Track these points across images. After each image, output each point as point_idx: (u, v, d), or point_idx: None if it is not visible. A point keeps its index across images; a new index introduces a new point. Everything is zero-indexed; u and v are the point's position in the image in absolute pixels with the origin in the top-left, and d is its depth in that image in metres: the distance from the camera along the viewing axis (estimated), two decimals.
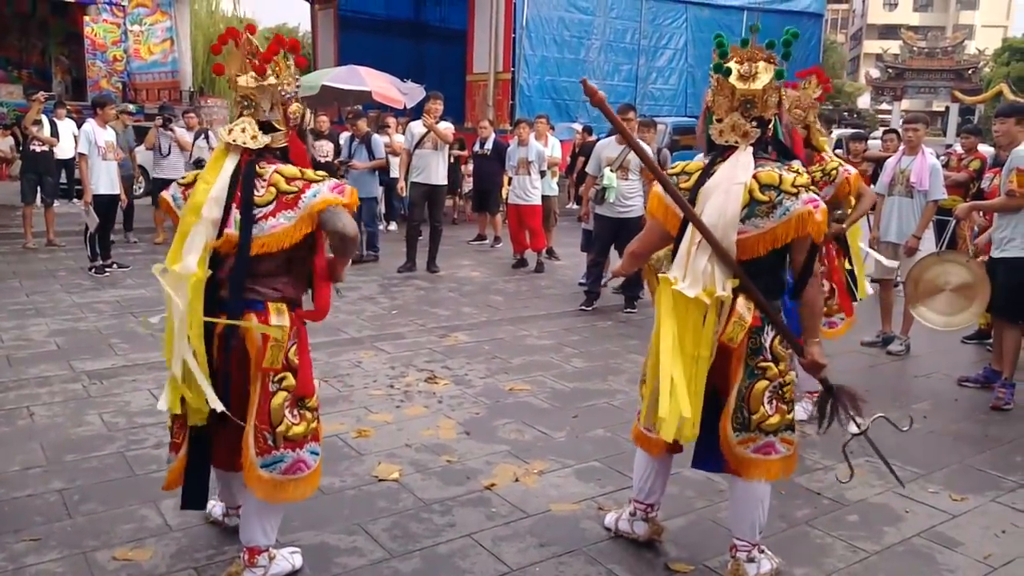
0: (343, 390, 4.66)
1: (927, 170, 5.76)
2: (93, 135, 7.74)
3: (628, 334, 6.21)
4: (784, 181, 2.56)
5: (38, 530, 3.01)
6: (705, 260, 2.57)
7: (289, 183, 2.55)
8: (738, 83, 2.62)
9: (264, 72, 2.61)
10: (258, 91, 2.62)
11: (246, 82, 2.61)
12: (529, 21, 14.73)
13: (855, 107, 42.79)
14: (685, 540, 3.10)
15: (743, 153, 2.61)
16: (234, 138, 2.60)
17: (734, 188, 2.55)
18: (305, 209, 2.51)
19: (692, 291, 2.55)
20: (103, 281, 7.56)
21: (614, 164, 6.73)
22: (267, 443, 2.58)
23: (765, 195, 2.54)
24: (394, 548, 2.97)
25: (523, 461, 3.77)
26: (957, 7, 53.28)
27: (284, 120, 2.67)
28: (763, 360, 2.65)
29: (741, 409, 2.65)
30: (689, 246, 2.61)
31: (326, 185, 2.56)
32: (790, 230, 2.52)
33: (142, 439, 3.89)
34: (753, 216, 2.55)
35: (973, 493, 3.59)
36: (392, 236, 10.60)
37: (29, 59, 19.25)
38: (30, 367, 4.94)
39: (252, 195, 2.54)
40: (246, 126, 2.61)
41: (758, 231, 2.55)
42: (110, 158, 7.86)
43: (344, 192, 2.57)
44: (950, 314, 4.97)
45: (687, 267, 2.60)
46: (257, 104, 2.63)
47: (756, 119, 2.63)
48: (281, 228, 2.52)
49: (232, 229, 2.54)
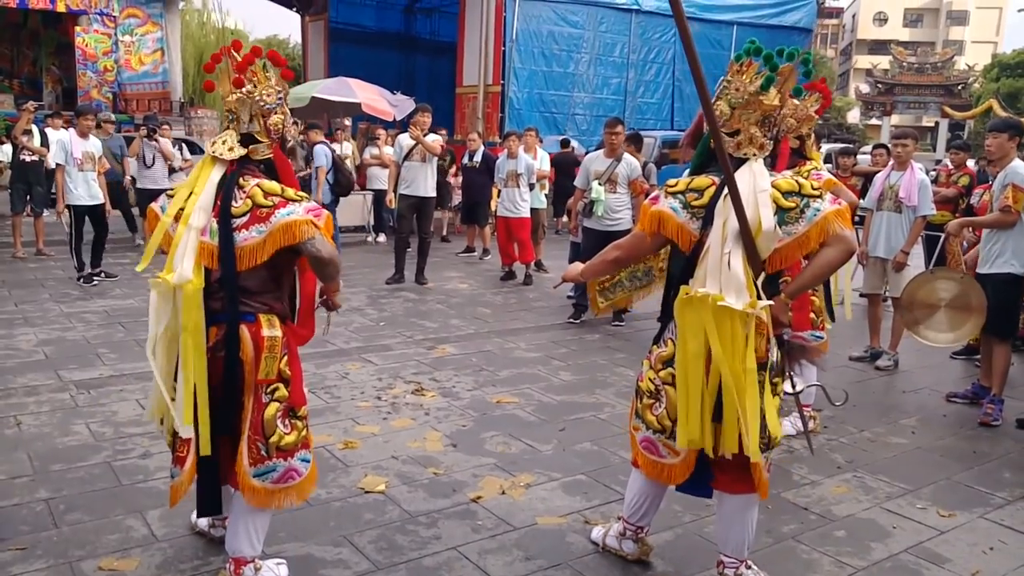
0: (330, 401, 4.65)
1: (916, 185, 5.80)
2: (69, 145, 7.74)
3: (616, 347, 6.22)
4: (804, 186, 2.59)
5: (24, 539, 2.99)
6: (741, 271, 2.53)
7: (266, 197, 2.55)
8: (764, 98, 2.65)
9: (241, 84, 2.61)
10: (238, 103, 2.63)
11: (227, 95, 2.63)
12: (519, 34, 14.81)
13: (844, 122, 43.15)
14: (671, 554, 3.10)
15: (756, 163, 2.63)
16: (214, 150, 2.64)
17: (761, 196, 2.55)
18: (275, 226, 2.51)
19: (739, 303, 2.50)
20: (91, 291, 7.53)
21: (602, 177, 6.76)
22: (260, 453, 2.60)
23: (790, 201, 2.56)
24: (380, 560, 2.95)
25: (510, 474, 3.76)
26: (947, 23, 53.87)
27: (265, 132, 2.67)
28: (775, 375, 2.65)
29: (764, 428, 2.62)
30: (719, 259, 2.56)
31: (302, 206, 2.56)
32: (823, 231, 2.53)
33: (129, 449, 3.87)
34: (784, 224, 2.55)
35: (961, 509, 3.60)
36: (380, 248, 10.60)
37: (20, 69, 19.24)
38: (18, 376, 4.91)
39: (230, 205, 2.55)
40: (227, 138, 2.65)
41: (792, 238, 2.55)
42: (88, 168, 7.82)
43: (320, 216, 2.57)
44: (953, 329, 4.99)
45: (723, 279, 2.54)
46: (238, 117, 2.64)
47: (771, 133, 2.69)
48: (252, 242, 2.53)
49: (207, 237, 2.55)
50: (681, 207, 2.70)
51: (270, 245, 2.52)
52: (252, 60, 2.64)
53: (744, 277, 2.52)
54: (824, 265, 2.59)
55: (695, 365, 2.57)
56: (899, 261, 5.84)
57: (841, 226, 2.53)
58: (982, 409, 4.88)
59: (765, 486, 2.68)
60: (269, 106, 2.66)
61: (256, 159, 2.68)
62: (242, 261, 2.54)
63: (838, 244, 2.54)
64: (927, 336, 5.09)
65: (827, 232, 2.52)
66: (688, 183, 2.76)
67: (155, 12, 18.49)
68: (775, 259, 2.58)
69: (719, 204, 2.60)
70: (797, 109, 4.11)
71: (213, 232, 2.56)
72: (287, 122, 2.76)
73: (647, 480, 2.90)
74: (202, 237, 2.56)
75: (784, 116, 4.02)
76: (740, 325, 2.50)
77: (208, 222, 2.57)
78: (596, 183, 6.74)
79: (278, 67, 2.73)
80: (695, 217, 2.66)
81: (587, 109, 15.89)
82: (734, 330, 2.51)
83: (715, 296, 2.51)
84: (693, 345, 2.57)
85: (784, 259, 2.59)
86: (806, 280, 2.67)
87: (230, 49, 2.66)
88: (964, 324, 4.92)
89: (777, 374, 2.67)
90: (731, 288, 2.51)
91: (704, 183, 2.69)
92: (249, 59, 2.64)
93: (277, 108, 2.69)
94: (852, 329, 6.88)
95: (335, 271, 2.68)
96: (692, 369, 2.58)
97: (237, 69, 2.61)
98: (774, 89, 2.64)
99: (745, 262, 2.53)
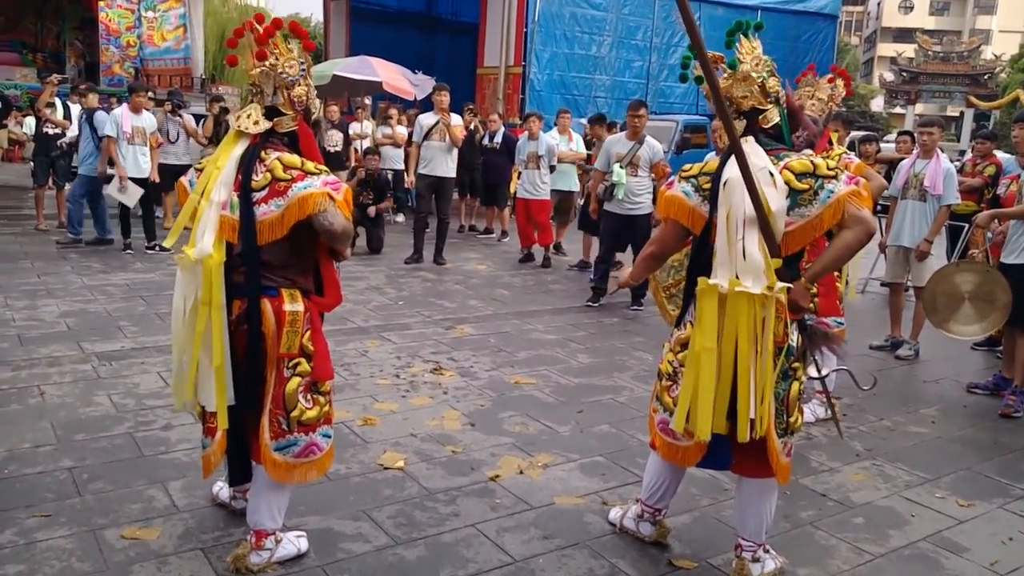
0: (350, 378, 4.67)
1: (941, 174, 5.73)
2: (120, 119, 8.04)
3: (634, 331, 6.20)
4: (819, 167, 2.52)
5: (48, 507, 3.03)
6: (757, 252, 2.49)
7: (285, 171, 2.55)
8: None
9: (264, 56, 2.61)
10: (261, 76, 2.63)
11: (250, 68, 2.63)
12: (541, 16, 14.70)
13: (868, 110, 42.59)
14: (689, 537, 3.10)
15: (745, 143, 2.57)
16: (240, 124, 2.63)
17: (761, 175, 2.50)
18: (293, 199, 2.50)
19: (757, 287, 2.47)
20: (112, 264, 7.60)
21: (624, 160, 6.71)
22: (281, 427, 2.62)
23: (804, 183, 2.51)
24: (398, 535, 2.98)
25: (527, 454, 3.77)
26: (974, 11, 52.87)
27: (289, 104, 2.66)
28: (795, 360, 2.63)
29: (782, 414, 2.61)
30: (729, 243, 2.53)
31: (319, 179, 2.55)
32: (836, 213, 2.47)
33: (150, 420, 3.91)
34: (797, 206, 2.51)
35: (981, 499, 3.58)
36: (399, 227, 10.61)
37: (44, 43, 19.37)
38: (41, 347, 4.97)
39: (250, 179, 2.56)
40: (251, 112, 2.64)
41: (805, 219, 2.51)
42: (137, 142, 8.12)
43: (339, 189, 2.56)
44: (979, 321, 4.92)
45: (737, 264, 2.51)
46: (262, 90, 2.64)
47: (740, 113, 2.65)
48: (271, 216, 2.53)
49: (228, 212, 2.56)
50: (693, 190, 2.71)
51: (288, 219, 2.52)
52: (273, 32, 2.63)
53: (762, 261, 2.48)
54: (843, 247, 2.53)
55: (708, 359, 2.54)
56: (923, 250, 5.78)
57: (858, 206, 2.47)
58: (1003, 400, 4.84)
59: (784, 471, 2.67)
60: (292, 78, 2.64)
61: (281, 132, 2.67)
62: (262, 235, 2.54)
63: (857, 226, 2.48)
64: (953, 330, 5.02)
65: (843, 213, 2.47)
66: (701, 167, 2.76)
67: None
68: (787, 241, 2.53)
69: (720, 191, 2.58)
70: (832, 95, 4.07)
71: (234, 206, 2.56)
72: (311, 94, 2.75)
73: (664, 462, 2.90)
74: (223, 211, 2.56)
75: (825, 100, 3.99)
76: (759, 308, 2.48)
77: (229, 196, 2.58)
78: (618, 166, 6.70)
79: (299, 39, 2.71)
80: (705, 200, 2.66)
81: (608, 92, 15.79)
82: (752, 313, 2.48)
83: (732, 281, 2.49)
84: (706, 340, 2.55)
85: (797, 241, 2.54)
86: (826, 263, 2.62)
87: (252, 23, 2.65)
88: (989, 315, 4.86)
89: (797, 359, 2.65)
90: (748, 273, 2.48)
91: (715, 166, 2.69)
92: (270, 31, 2.62)
93: (300, 80, 2.67)
94: (873, 318, 6.84)
95: (344, 243, 2.67)
96: (706, 363, 2.55)
97: (258, 41, 2.61)
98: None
99: (762, 245, 2.50)
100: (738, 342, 2.51)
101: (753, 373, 2.51)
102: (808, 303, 2.64)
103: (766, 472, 2.68)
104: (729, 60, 2.67)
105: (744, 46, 2.67)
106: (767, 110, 2.66)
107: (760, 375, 2.51)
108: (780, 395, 2.61)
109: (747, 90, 2.65)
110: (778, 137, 2.68)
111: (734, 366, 2.54)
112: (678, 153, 12.61)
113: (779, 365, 2.57)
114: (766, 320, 2.48)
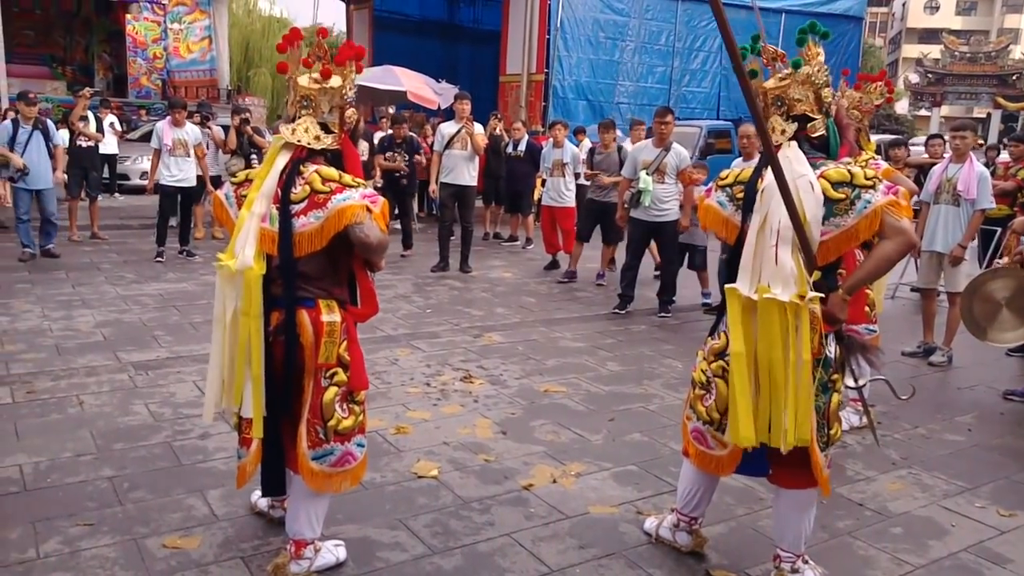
0: (381, 387, 4.70)
1: (975, 178, 5.66)
2: (161, 133, 8.52)
3: (663, 339, 6.18)
4: (856, 176, 2.49)
5: (91, 515, 3.09)
6: (790, 260, 2.46)
7: (324, 183, 2.58)
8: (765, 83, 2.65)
9: (330, 75, 2.65)
10: (319, 92, 2.66)
11: (307, 83, 2.65)
12: (563, 22, 14.72)
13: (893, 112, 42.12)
14: (725, 547, 3.08)
15: (789, 149, 2.57)
16: (298, 138, 2.65)
17: (800, 182, 2.48)
18: (332, 211, 2.53)
19: (786, 295, 2.44)
20: (145, 274, 7.71)
21: (650, 167, 6.70)
22: (319, 436, 2.64)
23: (840, 192, 2.47)
24: (435, 544, 2.99)
25: (560, 462, 3.77)
26: (1003, 10, 52.04)
27: (340, 123, 2.71)
28: (834, 372, 2.61)
29: (823, 427, 2.59)
30: (761, 249, 2.51)
31: (358, 192, 2.58)
32: (872, 224, 2.44)
33: (188, 429, 3.96)
34: (832, 216, 2.48)
35: (1022, 509, 3.52)
36: (425, 236, 10.66)
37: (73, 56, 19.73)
38: (78, 357, 5.05)
39: (290, 192, 2.59)
40: (309, 126, 2.66)
41: (840, 230, 2.48)
42: (179, 154, 8.56)
43: (376, 202, 2.59)
44: (1017, 328, 4.84)
45: (768, 271, 2.48)
46: (316, 105, 2.67)
47: (791, 116, 2.62)
48: (310, 228, 2.56)
49: (267, 224, 2.59)
50: (728, 200, 2.71)
51: (327, 230, 2.55)
52: (349, 55, 2.68)
53: (795, 269, 2.46)
54: (882, 259, 2.50)
55: (739, 365, 2.53)
56: (957, 255, 5.71)
57: (896, 217, 2.43)
58: None
59: (825, 482, 2.65)
60: (350, 100, 2.71)
61: (328, 149, 2.71)
62: (300, 247, 2.58)
63: (896, 237, 2.44)
64: (995, 338, 4.94)
65: (880, 224, 2.43)
66: (737, 175, 2.75)
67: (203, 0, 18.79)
68: (822, 251, 2.50)
69: (758, 199, 2.56)
70: (860, 101, 4.04)
71: (273, 218, 2.60)
72: (356, 114, 2.80)
73: (698, 470, 2.89)
74: (263, 223, 2.60)
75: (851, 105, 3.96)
76: (791, 316, 2.45)
77: (268, 209, 2.61)
78: (644, 173, 6.69)
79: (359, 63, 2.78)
80: (739, 209, 2.66)
81: (632, 98, 15.76)
82: (784, 322, 2.45)
83: (761, 287, 2.48)
84: (736, 345, 2.54)
85: (832, 251, 2.51)
86: (864, 274, 2.59)
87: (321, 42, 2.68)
88: None
89: (836, 371, 2.63)
90: (778, 280, 2.46)
91: (748, 175, 2.68)
92: (347, 54, 2.68)
93: (352, 102, 2.73)
94: (905, 324, 6.76)
95: (379, 256, 2.70)
96: (737, 369, 2.54)
97: (336, 63, 2.67)
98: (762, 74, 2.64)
99: (797, 253, 2.47)
100: (772, 350, 2.49)
101: (789, 383, 2.48)
102: (845, 315, 2.61)
103: (804, 483, 2.66)
104: (793, 60, 2.65)
105: (811, 49, 2.65)
106: (816, 120, 2.64)
107: (795, 385, 2.48)
108: (821, 408, 2.58)
109: (803, 94, 2.63)
110: (822, 148, 2.66)
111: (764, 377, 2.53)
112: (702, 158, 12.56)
113: (818, 377, 2.54)
114: (800, 329, 2.45)
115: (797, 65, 2.64)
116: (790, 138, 2.60)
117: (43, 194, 8.28)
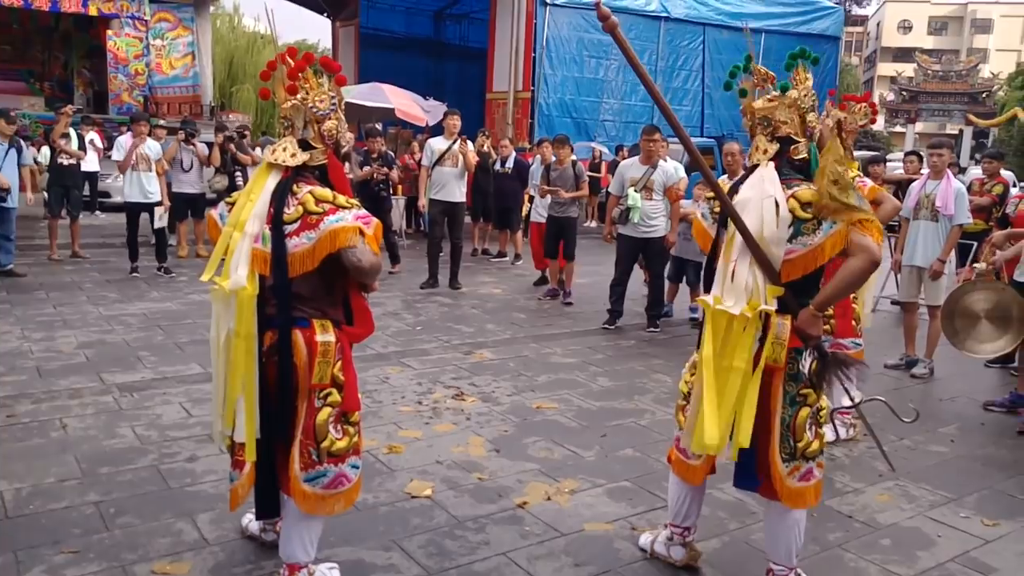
0: (372, 406, 4.68)
1: (952, 194, 5.78)
2: (124, 145, 8.38)
3: (652, 353, 6.22)
4: None
5: (77, 542, 3.03)
6: (746, 273, 2.58)
7: (317, 204, 2.57)
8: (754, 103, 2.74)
9: (295, 91, 2.65)
10: (292, 110, 2.68)
11: (282, 101, 2.67)
12: (549, 41, 14.86)
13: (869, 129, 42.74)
14: (719, 561, 3.10)
15: (765, 169, 2.65)
16: (275, 156, 2.66)
17: (766, 202, 2.56)
18: (324, 232, 2.53)
19: (737, 308, 2.56)
20: (129, 294, 7.63)
21: (638, 184, 6.76)
22: (311, 458, 2.62)
23: (808, 212, 2.55)
24: (430, 565, 2.98)
25: (554, 480, 3.78)
26: (971, 31, 53.28)
27: (319, 138, 2.70)
28: (804, 387, 2.66)
29: (787, 439, 2.65)
30: (725, 263, 2.64)
31: (351, 213, 2.57)
32: (837, 243, 2.51)
33: (175, 452, 3.92)
34: (800, 235, 2.56)
35: (1005, 519, 3.58)
36: (413, 252, 10.65)
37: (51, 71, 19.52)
38: (60, 379, 4.98)
39: (282, 213, 2.59)
40: (288, 145, 2.67)
41: (807, 248, 2.55)
42: (141, 169, 8.41)
43: (370, 223, 2.59)
44: (995, 339, 4.92)
45: (724, 285, 2.63)
46: (293, 123, 2.69)
47: (775, 137, 2.70)
48: (302, 249, 2.55)
49: (260, 244, 2.58)
50: (709, 212, 2.84)
51: (319, 251, 2.55)
52: (303, 67, 2.67)
53: (752, 284, 2.56)
54: (848, 276, 2.55)
55: (703, 370, 2.64)
56: (936, 270, 5.81)
57: (861, 235, 2.49)
58: (1020, 418, 4.86)
59: (793, 495, 2.67)
60: (322, 112, 2.68)
61: (311, 165, 2.71)
62: (293, 268, 2.57)
63: (861, 254, 2.50)
64: (972, 348, 5.03)
65: (846, 242, 2.50)
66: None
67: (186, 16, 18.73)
68: (787, 268, 2.57)
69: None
70: (845, 121, 4.11)
71: (266, 239, 2.59)
72: (341, 128, 2.78)
73: (680, 479, 2.94)
74: (255, 244, 2.60)
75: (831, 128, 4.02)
76: (738, 327, 2.56)
77: (261, 229, 2.61)
78: (632, 190, 6.75)
79: (331, 73, 2.75)
80: (715, 223, 2.79)
81: (616, 115, 15.92)
82: (729, 332, 2.58)
83: (716, 298, 2.62)
84: (705, 351, 2.65)
85: (798, 268, 2.57)
86: (832, 291, 2.62)
87: (285, 56, 2.70)
88: (1007, 332, 4.87)
89: (807, 385, 2.66)
90: (731, 293, 2.59)
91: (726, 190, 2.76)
92: (300, 66, 2.66)
93: (331, 114, 2.71)
94: (887, 336, 6.84)
95: (372, 278, 2.71)
96: (700, 375, 2.66)
97: (289, 75, 2.65)
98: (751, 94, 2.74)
99: (755, 270, 2.57)
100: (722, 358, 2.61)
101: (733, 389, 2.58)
102: (818, 331, 2.64)
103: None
104: (781, 83, 2.71)
105: (800, 73, 2.73)
106: (800, 143, 2.71)
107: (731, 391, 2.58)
108: (786, 420, 2.64)
109: (789, 117, 2.70)
110: (802, 170, 2.72)
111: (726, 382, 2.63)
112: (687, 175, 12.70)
113: (785, 391, 2.63)
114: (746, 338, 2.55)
115: (785, 89, 2.70)
116: (771, 158, 2.66)
117: (7, 212, 8.21)
